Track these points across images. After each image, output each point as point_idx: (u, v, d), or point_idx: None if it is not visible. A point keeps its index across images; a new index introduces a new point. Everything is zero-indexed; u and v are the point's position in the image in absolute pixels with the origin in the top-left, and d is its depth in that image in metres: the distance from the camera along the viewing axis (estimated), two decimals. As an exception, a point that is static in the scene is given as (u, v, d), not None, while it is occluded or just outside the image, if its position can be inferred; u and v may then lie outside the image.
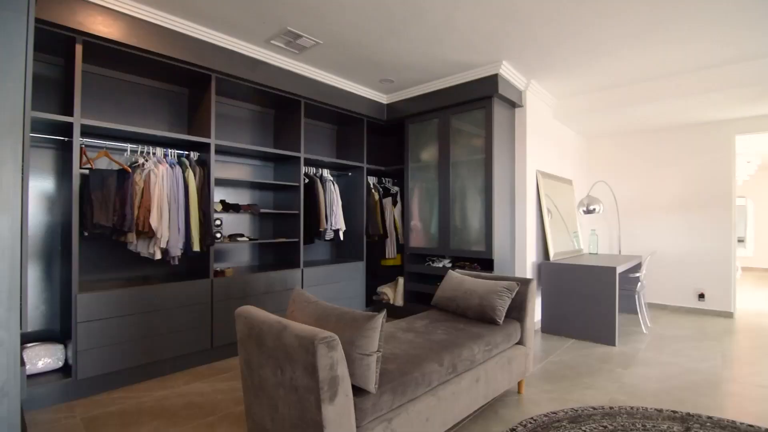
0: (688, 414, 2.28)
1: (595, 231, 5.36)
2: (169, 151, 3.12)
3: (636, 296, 4.19)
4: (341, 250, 4.68)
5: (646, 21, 2.84)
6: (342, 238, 4.25)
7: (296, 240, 3.78)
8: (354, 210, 4.50)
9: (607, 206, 5.45)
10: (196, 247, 3.01)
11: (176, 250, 2.90)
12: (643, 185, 5.40)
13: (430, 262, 4.28)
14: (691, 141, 5.06)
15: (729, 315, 4.72)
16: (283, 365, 1.45)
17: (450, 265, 4.10)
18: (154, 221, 2.78)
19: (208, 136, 3.13)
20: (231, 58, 3.19)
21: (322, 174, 4.22)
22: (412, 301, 4.43)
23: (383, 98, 4.56)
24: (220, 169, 3.66)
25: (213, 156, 3.15)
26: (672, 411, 2.32)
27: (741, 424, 2.16)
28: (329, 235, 4.11)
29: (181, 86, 3.40)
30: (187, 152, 3.24)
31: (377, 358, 1.51)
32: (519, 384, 2.61)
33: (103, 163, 2.89)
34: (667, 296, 5.16)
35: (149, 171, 2.84)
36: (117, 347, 2.62)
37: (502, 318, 2.45)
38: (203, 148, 3.21)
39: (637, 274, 4.22)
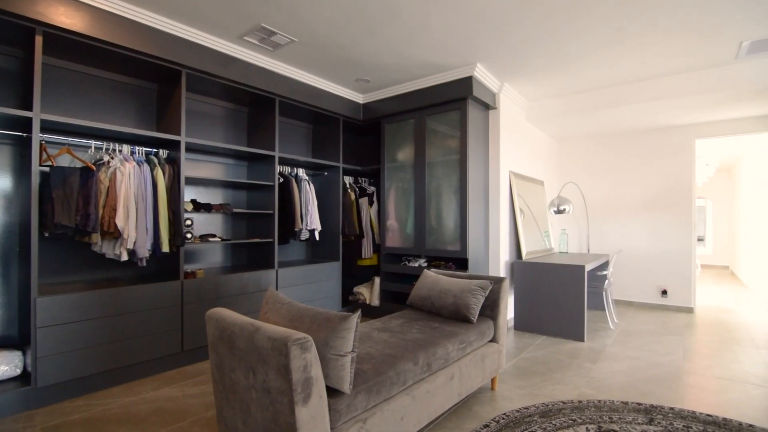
0: (652, 406, 2.38)
1: (566, 230, 5.52)
2: (137, 148, 3.01)
3: (603, 293, 4.34)
4: (317, 251, 4.64)
5: (613, 28, 2.94)
6: (318, 238, 4.21)
7: (270, 240, 3.72)
8: (330, 210, 4.47)
9: (576, 206, 5.63)
10: (166, 248, 2.92)
11: (144, 251, 2.81)
12: (610, 186, 5.60)
13: (406, 262, 4.30)
14: (655, 144, 5.28)
15: (689, 310, 4.96)
16: (256, 368, 1.42)
17: (426, 264, 4.13)
18: (120, 221, 2.68)
19: (178, 134, 3.04)
20: (202, 54, 3.11)
21: (297, 173, 4.17)
22: (389, 301, 4.44)
23: (359, 98, 4.55)
24: (191, 167, 3.56)
25: (183, 154, 3.06)
26: (637, 403, 2.41)
27: (700, 414, 2.27)
28: (305, 235, 4.06)
29: (149, 81, 3.29)
30: (155, 150, 3.14)
31: (352, 358, 1.50)
32: (492, 381, 2.66)
33: (65, 161, 2.77)
34: (633, 293, 5.38)
35: (115, 169, 2.73)
36: (80, 353, 2.51)
37: (476, 316, 2.49)
38: (173, 145, 3.12)
39: (605, 272, 4.37)
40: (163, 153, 3.17)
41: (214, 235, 3.51)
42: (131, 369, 2.76)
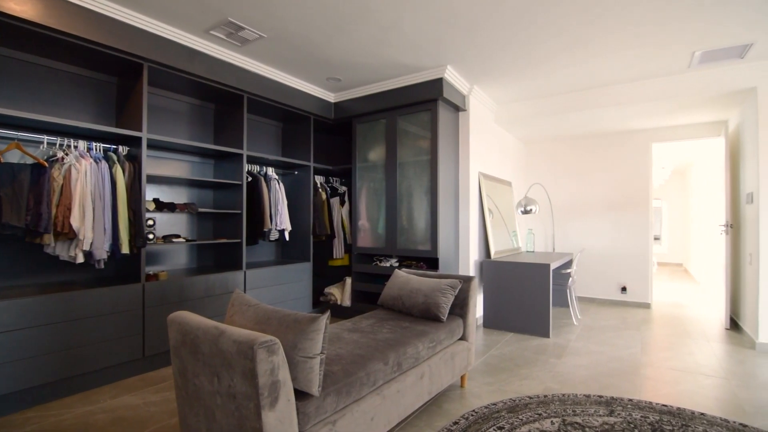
0: (612, 398, 2.48)
1: (532, 230, 5.68)
2: (94, 144, 2.86)
3: (567, 291, 4.50)
4: (287, 251, 4.56)
5: (577, 35, 3.05)
6: (288, 239, 4.14)
7: (238, 241, 3.62)
8: (300, 209, 4.40)
9: (542, 207, 5.81)
10: (125, 249, 2.79)
11: (102, 253, 2.67)
12: (574, 188, 5.81)
13: (378, 262, 4.30)
14: (616, 148, 5.52)
15: (647, 306, 5.22)
16: (220, 372, 1.38)
17: (397, 264, 4.14)
18: (75, 221, 2.54)
19: (140, 130, 2.91)
20: (166, 47, 2.99)
21: (266, 172, 4.09)
22: (360, 301, 4.42)
23: (331, 97, 4.51)
24: (153, 165, 3.42)
25: (145, 151, 2.94)
26: (598, 396, 2.51)
27: (656, 404, 2.39)
28: (274, 236, 3.99)
29: (108, 74, 3.13)
30: (115, 146, 2.99)
31: (321, 360, 1.48)
32: (462, 378, 2.70)
33: (14, 157, 2.59)
34: (595, 290, 5.60)
35: (70, 166, 2.59)
36: (31, 361, 2.35)
37: (446, 315, 2.52)
38: (134, 142, 2.98)
39: (569, 270, 4.52)
40: (123, 150, 3.03)
41: (178, 236, 3.38)
42: (88, 377, 2.62)
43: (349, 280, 4.51)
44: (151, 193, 3.40)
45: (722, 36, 3.06)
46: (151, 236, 3.06)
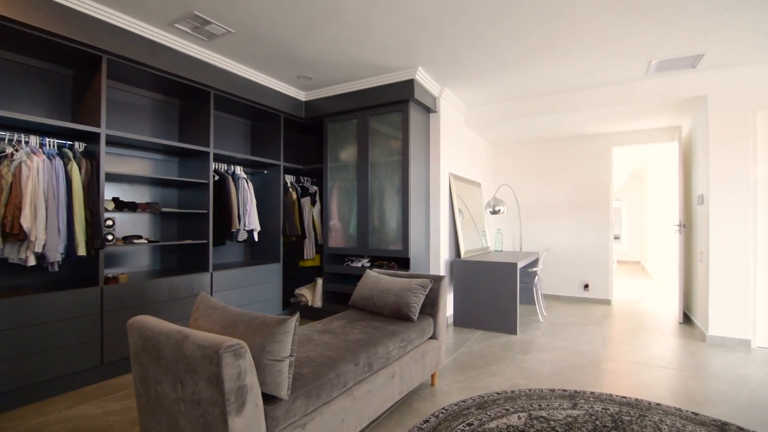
0: (575, 391, 2.57)
1: (500, 230, 5.82)
2: (47, 140, 2.70)
3: (534, 288, 4.63)
4: (256, 252, 4.47)
5: (541, 41, 3.14)
6: (257, 239, 4.06)
7: (204, 241, 3.51)
8: (270, 209, 4.32)
9: (510, 207, 5.96)
10: (82, 251, 2.65)
11: (55, 255, 2.52)
12: (540, 189, 5.99)
13: (349, 262, 4.28)
14: (579, 151, 5.74)
15: (608, 302, 5.45)
16: (184, 378, 1.33)
17: (368, 264, 4.14)
18: (26, 221, 2.38)
19: (98, 125, 2.77)
20: (127, 40, 2.86)
21: (234, 171, 3.99)
22: (331, 302, 4.39)
23: (301, 95, 4.45)
24: (113, 162, 3.26)
25: (103, 147, 2.80)
26: (562, 390, 2.60)
27: (616, 396, 2.50)
28: (242, 236, 3.89)
29: (63, 66, 2.96)
30: (70, 142, 2.83)
31: (290, 363, 1.46)
32: (432, 376, 2.72)
33: (-45, 152, 2.41)
34: (559, 287, 5.80)
35: (20, 162, 2.43)
36: (-26, 372, 2.19)
37: (417, 314, 2.54)
38: (91, 138, 2.84)
39: (535, 269, 4.66)
40: (80, 146, 2.87)
41: (140, 237, 3.24)
42: (42, 387, 2.47)
43: (320, 281, 4.47)
44: (110, 192, 3.25)
45: (677, 46, 3.24)
46: (110, 237, 2.92)
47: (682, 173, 4.58)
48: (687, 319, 4.56)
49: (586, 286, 5.59)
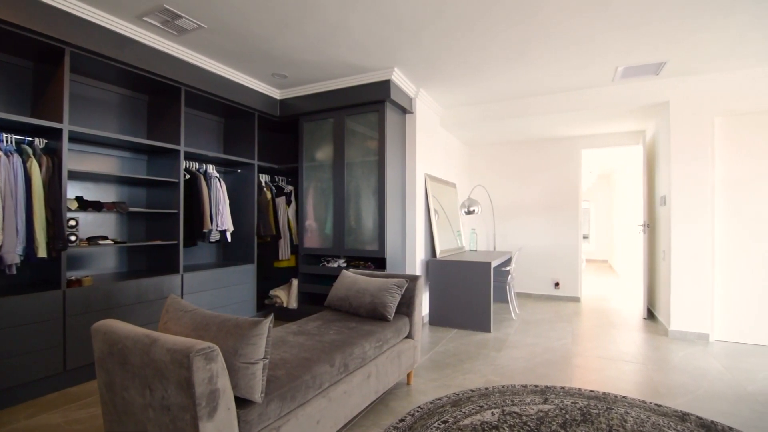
0: (546, 387, 2.64)
1: (475, 230, 5.92)
2: (5, 136, 2.56)
3: (507, 287, 4.73)
4: (229, 253, 4.37)
5: (512, 45, 3.21)
6: (230, 240, 3.97)
7: (175, 242, 3.41)
8: (244, 209, 4.24)
9: (484, 208, 6.07)
10: (42, 253, 2.52)
11: (13, 257, 2.39)
12: (513, 190, 6.13)
13: (325, 263, 4.25)
14: (550, 153, 5.90)
15: (577, 300, 5.63)
16: (153, 384, 1.29)
17: (345, 265, 4.12)
18: (-21, 221, 2.25)
19: (60, 120, 2.64)
20: (91, 32, 2.74)
21: (206, 170, 3.89)
22: (307, 303, 4.35)
23: (276, 93, 4.38)
24: (76, 159, 3.12)
25: (66, 144, 2.67)
26: (534, 386, 2.66)
27: (585, 390, 2.58)
28: (215, 237, 3.80)
29: (22, 58, 2.81)
30: (30, 138, 2.69)
31: (264, 365, 1.43)
32: (408, 375, 2.74)
33: None
34: (531, 286, 5.94)
35: (-27, 159, 2.29)
36: None
37: (393, 314, 2.54)
38: (53, 134, 2.70)
39: (508, 268, 4.76)
40: (41, 142, 2.73)
41: (105, 237, 3.11)
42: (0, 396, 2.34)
43: (295, 282, 4.42)
44: (73, 190, 3.10)
45: (642, 54, 3.37)
46: (73, 238, 2.79)
47: (646, 175, 4.78)
48: (651, 314, 4.77)
49: (557, 284, 5.76)
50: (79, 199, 2.98)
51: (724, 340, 3.75)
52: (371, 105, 3.94)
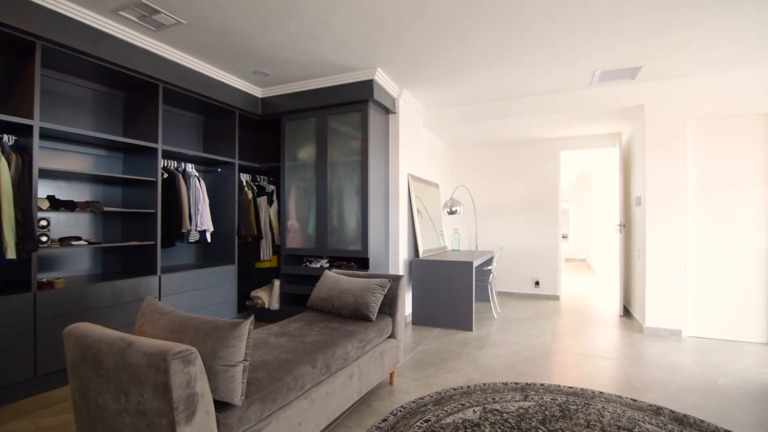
0: (527, 384, 2.68)
1: (457, 230, 5.97)
2: (-30, 132, 2.45)
3: (488, 286, 4.79)
4: (209, 253, 4.29)
5: (495, 47, 3.25)
6: (210, 240, 3.90)
7: (152, 243, 3.33)
8: (224, 209, 4.17)
9: (467, 208, 6.12)
10: (11, 254, 2.42)
11: (-21, 259, 2.29)
12: (495, 190, 6.21)
13: (308, 263, 4.22)
14: (530, 154, 6.00)
15: (556, 298, 5.74)
16: (128, 388, 1.25)
17: (327, 265, 4.10)
18: (-58, 222, 2.15)
19: (30, 117, 2.54)
20: (64, 26, 2.65)
21: (185, 168, 3.81)
22: (289, 304, 4.30)
23: (258, 91, 4.33)
24: (48, 158, 3.02)
25: (37, 141, 2.57)
26: (515, 383, 2.70)
27: (564, 386, 2.64)
28: (194, 237, 3.73)
29: (-12, 51, 2.70)
30: (-3, 135, 2.59)
31: (244, 368, 1.41)
32: (391, 375, 2.74)
33: None
34: (512, 285, 6.03)
35: (-65, 156, 2.18)
36: None
37: (375, 314, 2.54)
38: (23, 131, 2.60)
39: (489, 267, 4.82)
40: (9, 139, 2.63)
41: (79, 238, 3.01)
42: (-41, 404, 2.23)
43: (277, 283, 4.37)
44: (45, 189, 3.00)
45: (618, 58, 3.46)
46: (44, 238, 2.69)
47: (622, 176, 4.91)
48: (627, 312, 4.90)
49: (537, 283, 5.86)
50: (50, 198, 2.87)
51: (695, 336, 3.88)
52: (354, 105, 3.92)
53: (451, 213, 5.14)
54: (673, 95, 3.92)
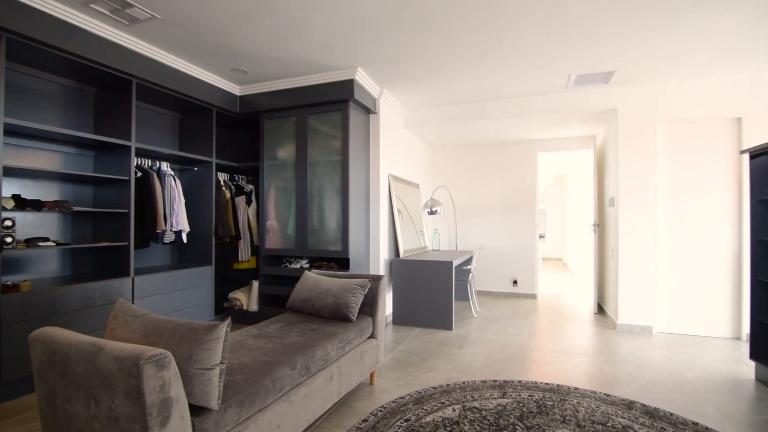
0: (505, 381, 2.73)
1: (438, 230, 6.01)
2: (-74, 127, 2.32)
3: (468, 285, 4.85)
4: (185, 254, 4.19)
5: (474, 49, 3.29)
6: (185, 241, 3.81)
7: (125, 243, 3.22)
8: (201, 209, 4.08)
9: (446, 208, 6.18)
10: (-28, 256, 2.30)
11: (-63, 261, 2.17)
12: (474, 190, 6.28)
13: (287, 264, 4.17)
14: (508, 155, 6.10)
15: (534, 297, 5.85)
16: (99, 394, 1.21)
17: (307, 265, 4.06)
18: None
19: (-7, 113, 2.43)
20: (31, 18, 2.54)
21: (160, 167, 3.71)
22: (268, 305, 4.24)
23: (236, 89, 4.25)
24: (12, 155, 2.88)
25: (1, 137, 2.45)
26: (493, 381, 2.74)
27: (541, 383, 2.69)
28: (169, 238, 3.63)
29: (-53, 43, 2.56)
30: (-43, 131, 2.46)
31: (221, 371, 1.38)
32: (371, 375, 2.74)
33: None
34: (491, 284, 6.12)
35: None
36: None
37: (356, 314, 2.53)
38: (-15, 127, 2.48)
39: (469, 267, 4.88)
40: (-30, 135, 2.50)
41: (46, 239, 2.89)
42: None
43: (256, 284, 4.30)
44: (9, 188, 2.86)
45: (593, 62, 3.56)
46: (8, 239, 2.57)
47: (596, 178, 5.05)
48: (601, 309, 5.04)
49: (515, 282, 5.96)
50: (16, 197, 2.75)
51: (665, 332, 4.02)
52: (335, 104, 3.90)
53: (432, 213, 5.17)
54: (644, 99, 4.06)
